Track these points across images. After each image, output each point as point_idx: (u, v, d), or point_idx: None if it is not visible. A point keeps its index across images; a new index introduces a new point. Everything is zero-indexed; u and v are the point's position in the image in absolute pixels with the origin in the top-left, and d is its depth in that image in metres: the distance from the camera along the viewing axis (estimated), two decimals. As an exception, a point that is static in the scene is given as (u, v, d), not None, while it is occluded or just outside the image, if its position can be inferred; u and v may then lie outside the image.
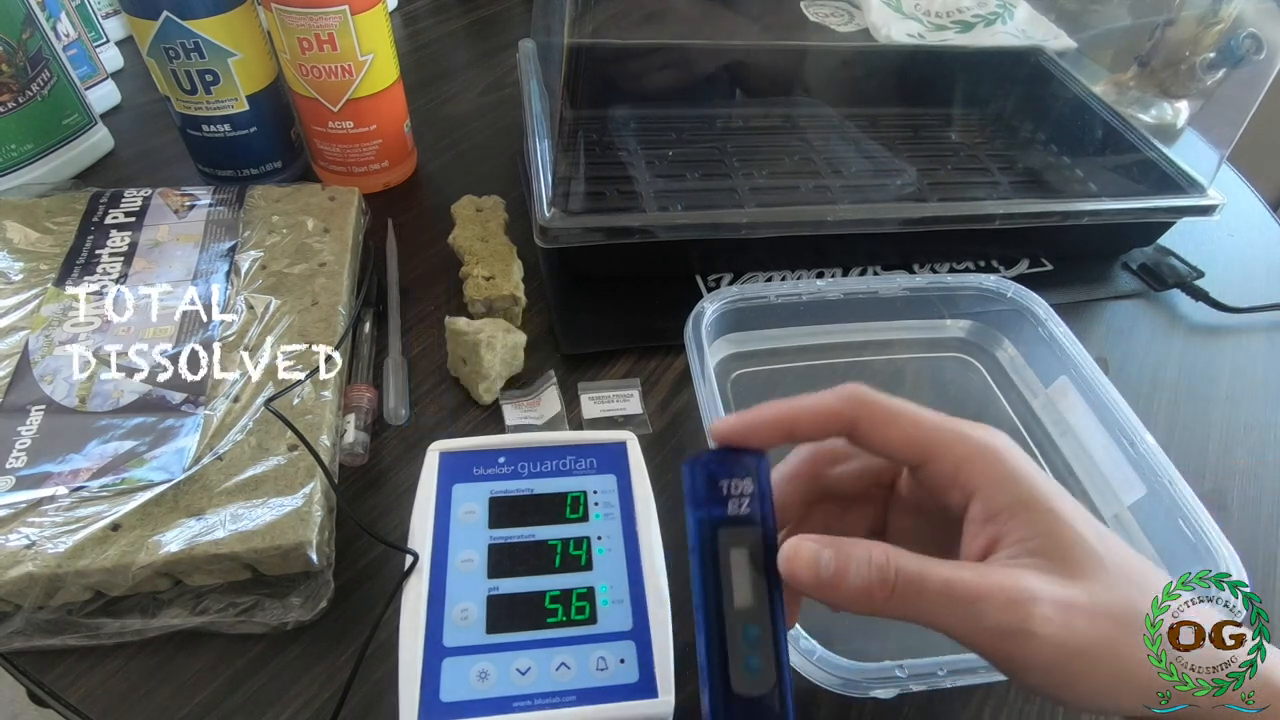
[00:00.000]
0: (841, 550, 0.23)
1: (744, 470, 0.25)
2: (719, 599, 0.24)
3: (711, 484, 0.25)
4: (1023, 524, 0.22)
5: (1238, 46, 0.60)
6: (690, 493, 0.25)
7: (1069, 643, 0.21)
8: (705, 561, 0.24)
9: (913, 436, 0.24)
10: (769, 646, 0.23)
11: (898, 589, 0.22)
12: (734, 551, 0.24)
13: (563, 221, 0.47)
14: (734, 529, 0.24)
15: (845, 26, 0.79)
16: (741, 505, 0.24)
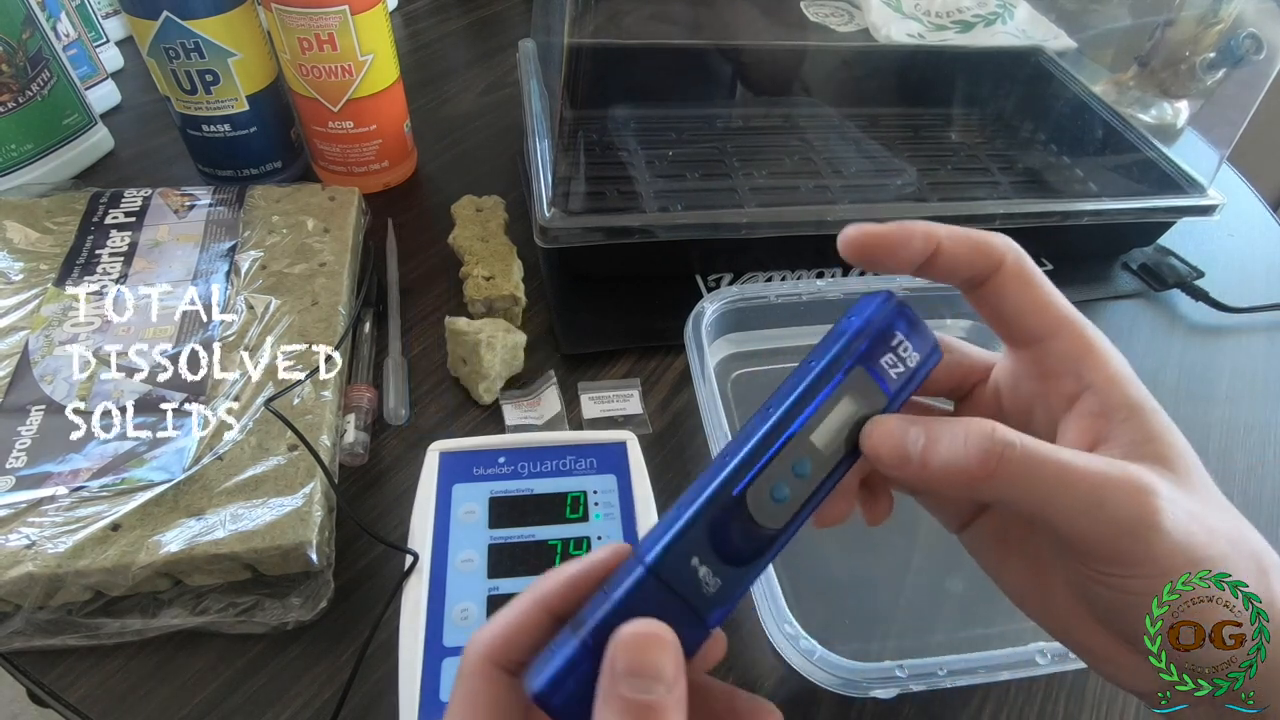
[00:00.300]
0: (931, 426, 0.20)
1: (922, 344, 0.22)
2: (797, 419, 0.21)
3: (888, 329, 0.22)
4: (1136, 427, 0.21)
5: (1238, 46, 0.60)
6: (864, 319, 0.22)
7: (1192, 549, 0.19)
8: (816, 379, 0.21)
9: (1046, 307, 0.22)
10: (802, 497, 0.21)
11: (1005, 461, 0.19)
12: (849, 397, 0.21)
13: (563, 221, 0.47)
14: (868, 381, 0.21)
15: (845, 26, 0.79)
16: (892, 369, 0.22)
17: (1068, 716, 0.36)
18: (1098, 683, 0.38)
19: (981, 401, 0.26)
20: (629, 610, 0.19)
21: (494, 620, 0.20)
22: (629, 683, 0.17)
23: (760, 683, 0.36)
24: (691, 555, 0.20)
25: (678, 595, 0.19)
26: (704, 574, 0.20)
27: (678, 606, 0.19)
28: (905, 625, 0.38)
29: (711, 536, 0.20)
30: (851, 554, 0.41)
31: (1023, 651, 0.33)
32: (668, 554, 0.19)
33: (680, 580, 0.19)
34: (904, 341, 0.22)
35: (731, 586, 0.20)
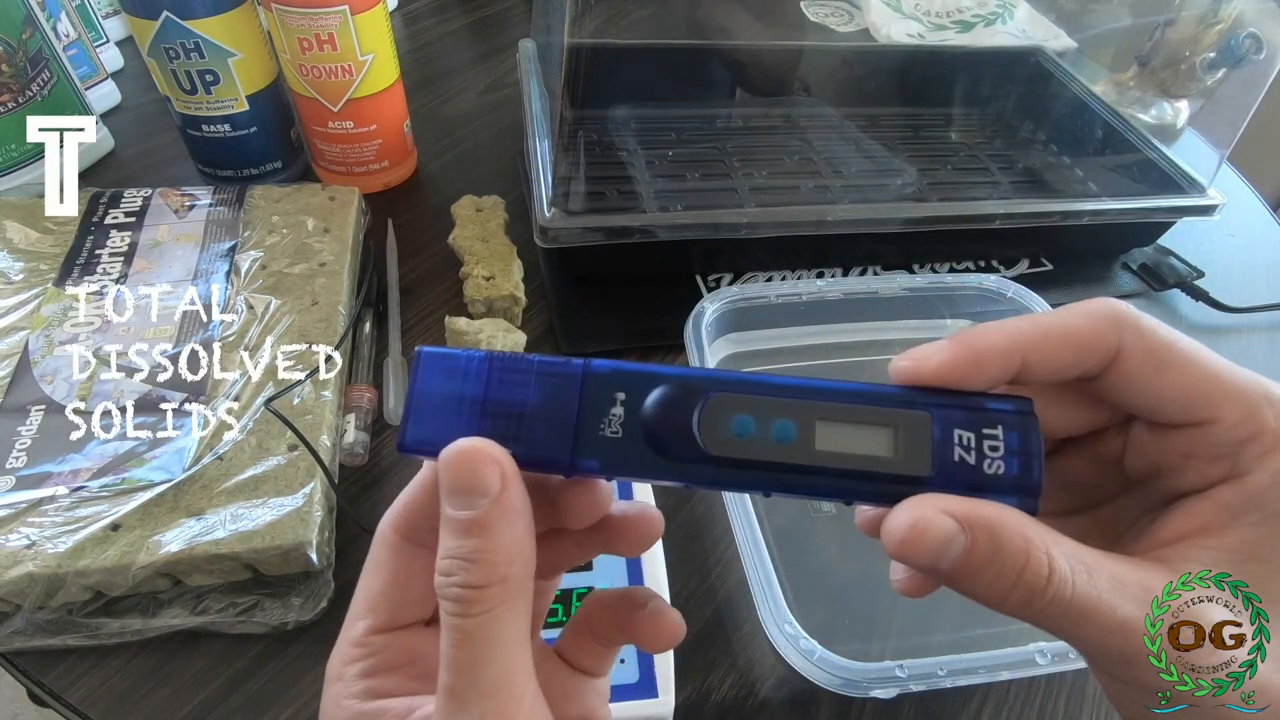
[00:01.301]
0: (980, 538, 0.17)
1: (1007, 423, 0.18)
2: (833, 389, 0.18)
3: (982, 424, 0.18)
4: (1257, 538, 0.18)
5: (1238, 46, 0.60)
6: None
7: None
8: (882, 389, 0.18)
9: (1198, 388, 0.18)
10: (759, 455, 0.18)
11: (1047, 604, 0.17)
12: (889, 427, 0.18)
13: (563, 221, 0.47)
14: (927, 429, 0.18)
15: (845, 26, 0.79)
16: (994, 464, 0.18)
17: (1068, 716, 0.36)
18: (1098, 683, 0.38)
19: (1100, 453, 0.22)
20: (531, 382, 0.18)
21: (399, 497, 0.20)
22: (453, 501, 0.17)
23: (760, 683, 0.36)
24: (619, 391, 0.18)
25: (574, 412, 0.18)
26: (615, 414, 0.18)
27: (562, 421, 0.18)
28: (905, 625, 0.38)
29: (660, 401, 0.18)
30: (851, 554, 0.41)
31: (1023, 651, 0.33)
32: (613, 373, 0.18)
33: (591, 403, 0.18)
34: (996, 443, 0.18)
35: (620, 457, 0.18)
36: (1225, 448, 0.18)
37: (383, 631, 0.19)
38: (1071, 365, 0.18)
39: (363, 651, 0.19)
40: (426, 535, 0.19)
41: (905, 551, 0.17)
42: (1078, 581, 0.17)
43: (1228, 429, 0.18)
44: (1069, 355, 0.18)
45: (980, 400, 0.18)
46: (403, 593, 0.20)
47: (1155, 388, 0.18)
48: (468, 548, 0.17)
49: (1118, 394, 0.19)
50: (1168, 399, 0.18)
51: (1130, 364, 0.18)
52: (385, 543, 0.20)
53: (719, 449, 0.18)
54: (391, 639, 0.19)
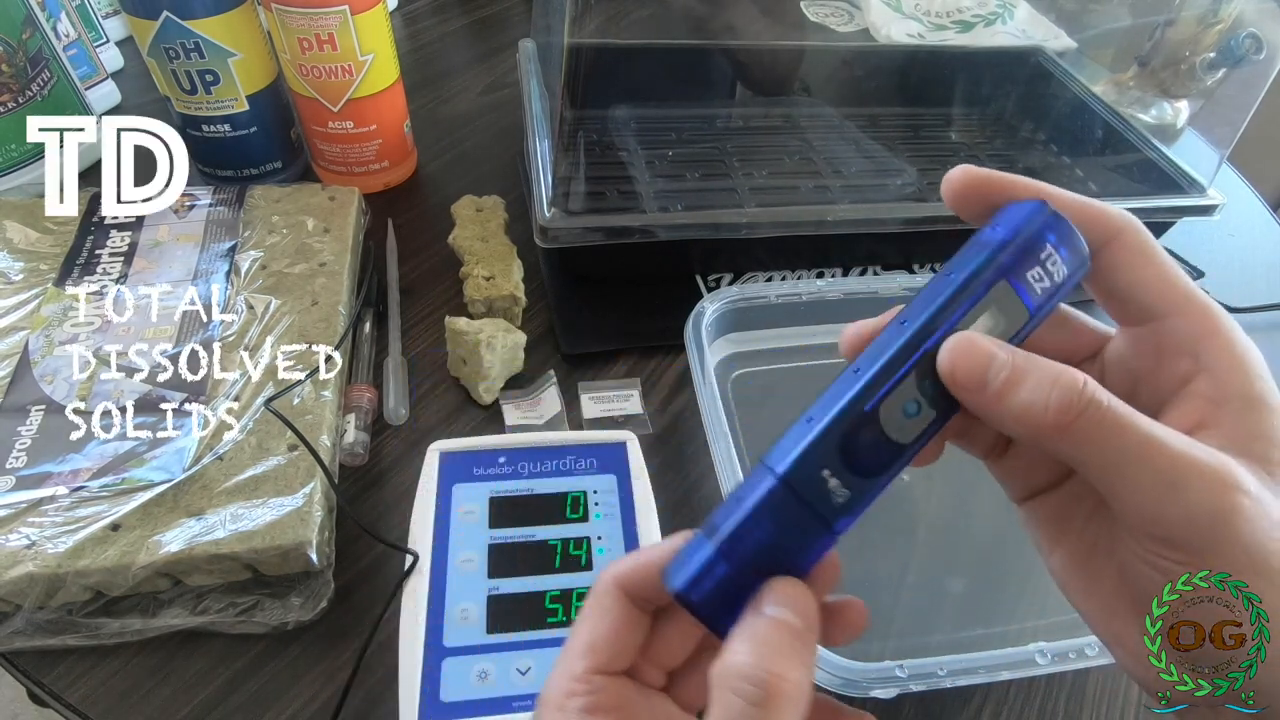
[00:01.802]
0: (1022, 360, 0.19)
1: (1072, 256, 0.20)
2: (933, 333, 0.20)
3: (1037, 240, 0.20)
4: (1248, 421, 0.19)
5: (1238, 46, 0.60)
6: (1012, 229, 0.20)
7: (1265, 558, 0.18)
8: (956, 293, 0.20)
9: (1167, 283, 0.21)
10: (942, 406, 0.20)
11: (1086, 418, 0.18)
12: (990, 312, 0.20)
13: (563, 221, 0.47)
14: (1011, 295, 0.20)
15: (845, 26, 0.79)
16: (1038, 283, 0.20)
17: (1068, 716, 0.36)
18: (1098, 682, 0.38)
19: None
20: (759, 518, 0.20)
21: (630, 555, 0.22)
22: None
23: (760, 683, 0.36)
24: (823, 467, 0.20)
25: (808, 505, 0.20)
26: (834, 485, 0.20)
27: (806, 516, 0.20)
28: (905, 625, 0.38)
29: (843, 449, 0.20)
30: (851, 554, 0.41)
31: (1023, 651, 0.33)
32: (800, 465, 0.20)
33: (811, 490, 0.20)
34: (1053, 254, 0.20)
35: (859, 497, 0.20)
36: (1189, 343, 0.20)
37: (601, 673, 0.21)
38: (1081, 228, 0.21)
39: (585, 688, 0.21)
40: (650, 600, 0.22)
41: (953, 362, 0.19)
42: (1115, 404, 0.18)
43: (1190, 323, 0.20)
44: (1083, 222, 0.21)
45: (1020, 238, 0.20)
46: (621, 643, 0.21)
47: (1137, 274, 0.21)
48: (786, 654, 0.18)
49: (1107, 276, 0.22)
50: (1144, 286, 0.21)
51: (1124, 246, 0.21)
52: (611, 594, 0.21)
53: (911, 435, 0.20)
54: (607, 682, 0.21)
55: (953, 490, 0.44)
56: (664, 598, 0.21)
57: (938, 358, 0.20)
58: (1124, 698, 0.37)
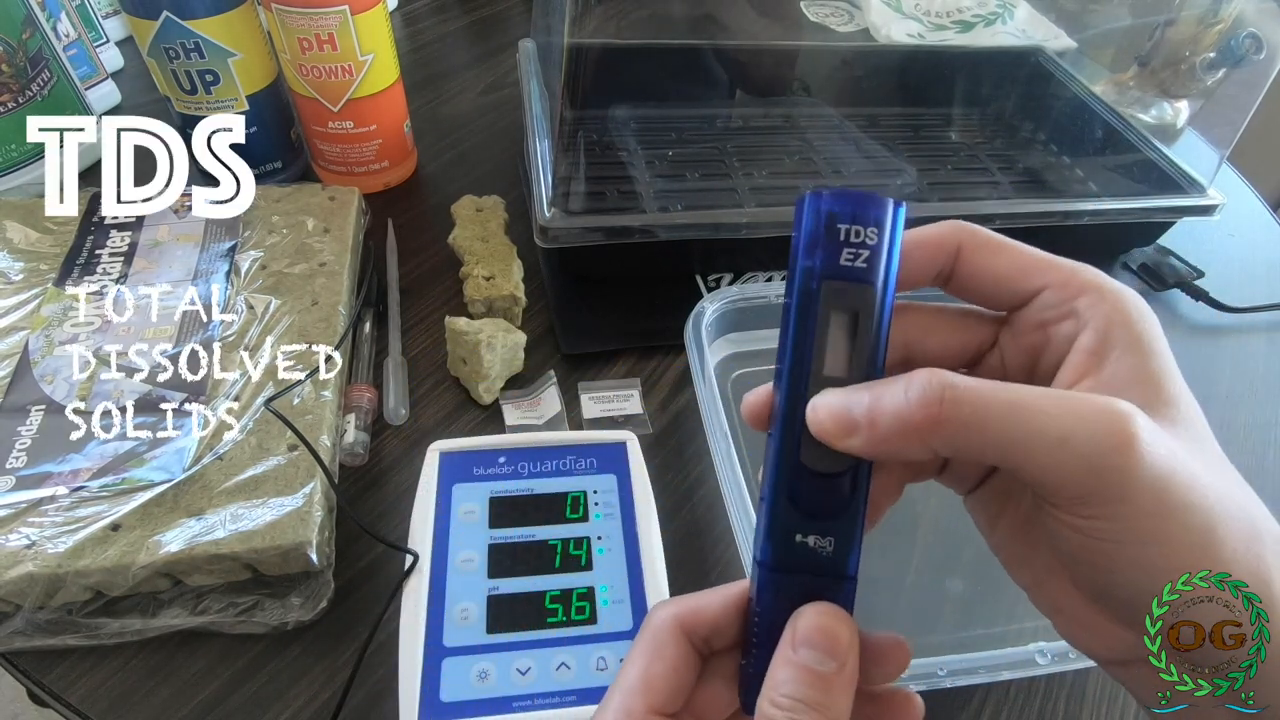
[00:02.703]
0: (875, 387, 0.19)
1: (870, 216, 0.20)
2: (804, 363, 0.20)
3: (829, 226, 0.20)
4: (1131, 365, 0.19)
5: (1238, 46, 0.60)
6: (801, 234, 0.20)
7: (1169, 491, 0.17)
8: (798, 318, 0.20)
9: (1025, 262, 0.21)
10: None
11: (949, 404, 0.18)
12: (835, 314, 0.20)
13: (563, 221, 0.47)
14: (842, 285, 0.20)
15: (845, 26, 0.79)
16: (858, 258, 0.20)
17: (1068, 716, 0.36)
18: (1098, 683, 0.38)
19: (989, 371, 0.23)
20: (773, 609, 0.20)
21: (689, 596, 0.22)
22: (809, 655, 0.19)
23: (760, 683, 0.36)
24: (793, 534, 0.20)
25: (804, 572, 0.20)
26: (814, 542, 0.20)
27: (810, 580, 0.20)
28: (905, 625, 0.38)
29: (799, 508, 0.20)
30: (851, 554, 0.41)
31: (1023, 651, 0.33)
32: (773, 543, 0.20)
33: (797, 560, 0.20)
34: (851, 226, 0.20)
35: (845, 535, 0.20)
36: (1065, 305, 0.21)
37: (656, 714, 0.21)
38: (929, 263, 0.22)
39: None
40: (708, 642, 0.22)
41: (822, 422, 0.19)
42: (974, 382, 0.18)
43: (1060, 288, 0.21)
44: (924, 257, 0.22)
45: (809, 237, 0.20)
46: (678, 683, 0.21)
47: (993, 269, 0.22)
48: (813, 697, 0.19)
49: (971, 284, 0.22)
50: (1005, 276, 0.22)
51: (970, 254, 0.22)
52: (670, 631, 0.21)
53: (845, 459, 0.20)
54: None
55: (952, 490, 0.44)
56: (719, 643, 0.22)
57: (809, 423, 0.20)
58: (1124, 698, 0.37)
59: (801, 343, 0.20)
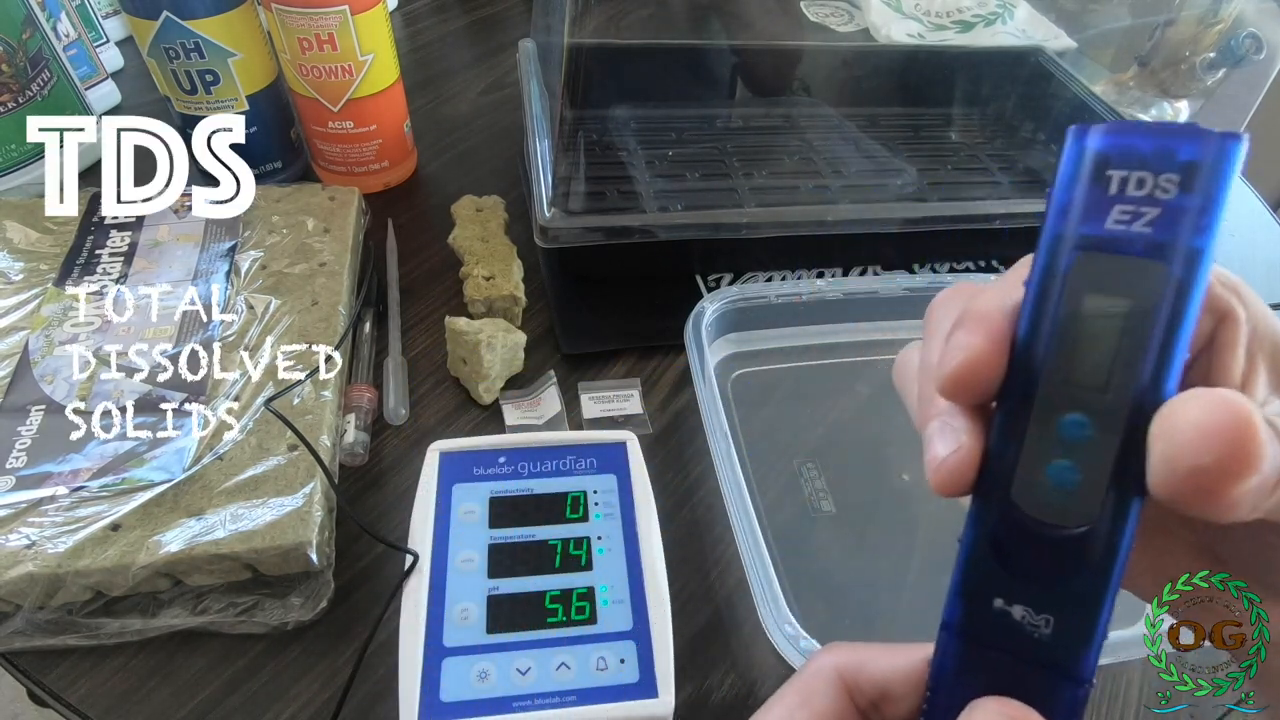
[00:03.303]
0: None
1: (1164, 157, 0.13)
2: (1041, 363, 0.14)
3: (1096, 172, 0.14)
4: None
5: (1238, 46, 0.59)
6: (1060, 183, 0.14)
7: None
8: (1039, 301, 0.14)
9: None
10: (1107, 462, 0.14)
11: None
12: (1095, 298, 0.14)
13: (563, 221, 0.47)
14: (1110, 260, 0.14)
15: (845, 26, 0.79)
16: (1138, 219, 0.14)
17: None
18: (1097, 682, 0.38)
19: None
20: (950, 689, 0.15)
21: (853, 646, 0.19)
22: None
23: (760, 683, 0.36)
24: (991, 596, 0.15)
25: (1003, 650, 0.15)
26: (1020, 614, 0.15)
27: (1012, 665, 0.15)
28: (905, 625, 0.38)
29: (1002, 562, 0.15)
30: (851, 554, 0.41)
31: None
32: (962, 605, 0.15)
33: (993, 631, 0.15)
34: (1133, 173, 0.14)
35: (1073, 619, 0.14)
36: None
37: None
38: None
39: None
40: (876, 707, 0.18)
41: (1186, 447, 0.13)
42: None
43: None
44: None
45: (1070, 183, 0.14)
46: None
47: None
48: None
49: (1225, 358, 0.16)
50: None
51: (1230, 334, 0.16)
52: (823, 679, 0.18)
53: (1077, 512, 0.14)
54: None
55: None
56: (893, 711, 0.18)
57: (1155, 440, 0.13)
58: (1124, 698, 0.37)
59: (1038, 337, 0.14)
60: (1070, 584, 0.14)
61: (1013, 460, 0.14)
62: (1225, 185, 0.14)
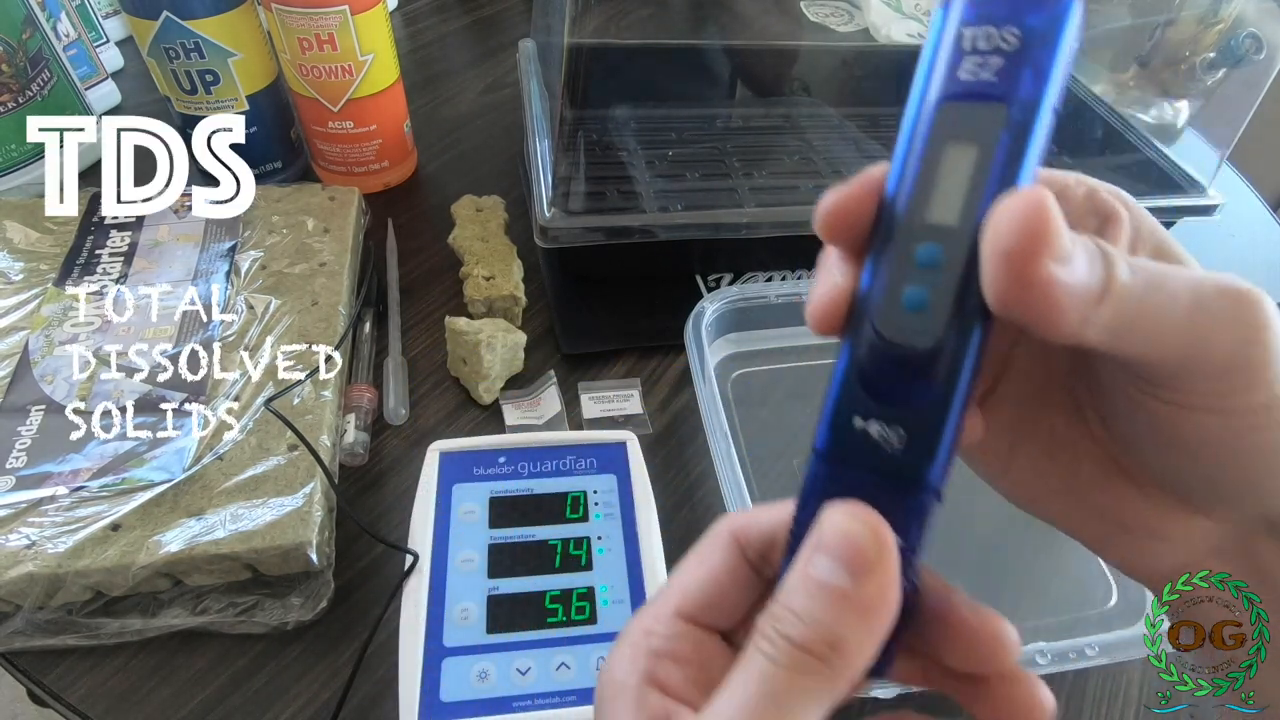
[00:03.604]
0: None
1: (1009, 13, 0.15)
2: (904, 204, 0.16)
3: (956, 35, 0.16)
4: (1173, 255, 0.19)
5: (1238, 46, 0.59)
6: (928, 44, 0.16)
7: None
8: (907, 139, 0.16)
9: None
10: (952, 283, 0.15)
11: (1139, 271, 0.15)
12: (951, 144, 0.16)
13: (563, 221, 0.47)
14: (962, 106, 0.16)
15: (845, 26, 0.79)
16: (984, 68, 0.15)
17: (1068, 716, 0.36)
18: (1098, 683, 0.38)
19: None
20: (815, 508, 0.16)
21: (756, 510, 0.20)
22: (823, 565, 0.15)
23: (760, 683, 0.36)
24: (851, 415, 0.16)
25: (862, 467, 0.16)
26: (876, 430, 0.16)
27: (870, 481, 0.16)
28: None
29: (863, 384, 0.16)
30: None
31: (1023, 651, 0.33)
32: (828, 430, 0.17)
33: (854, 450, 0.16)
34: (981, 28, 0.15)
35: (923, 430, 0.16)
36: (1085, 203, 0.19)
37: (686, 620, 0.19)
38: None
39: (665, 630, 0.19)
40: (765, 558, 0.19)
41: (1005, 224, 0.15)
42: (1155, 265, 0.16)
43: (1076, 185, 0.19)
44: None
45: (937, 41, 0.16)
46: (718, 595, 0.19)
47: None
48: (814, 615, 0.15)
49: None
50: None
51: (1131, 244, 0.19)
52: (720, 541, 0.19)
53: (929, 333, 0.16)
54: (691, 631, 0.19)
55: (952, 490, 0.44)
56: (771, 554, 0.19)
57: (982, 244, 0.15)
58: (1124, 698, 0.37)
59: (903, 182, 0.16)
60: (920, 399, 0.16)
61: (877, 293, 0.16)
62: (1060, 37, 0.16)
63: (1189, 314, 0.16)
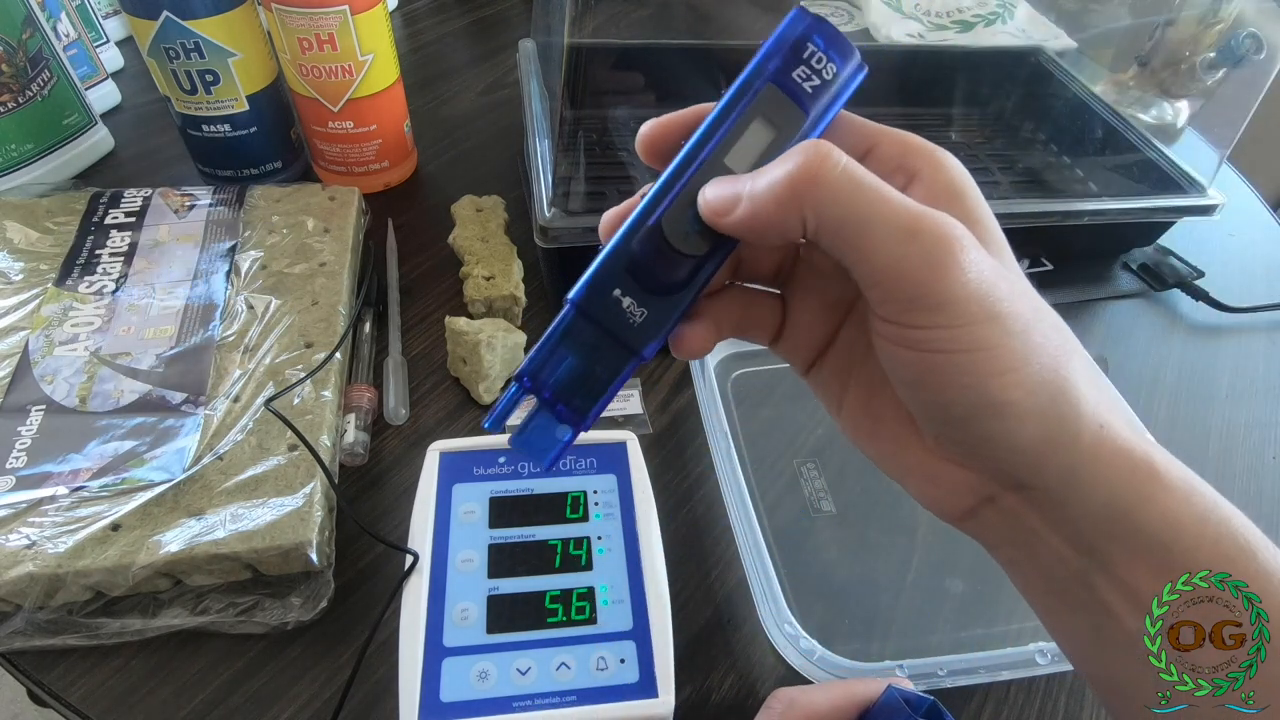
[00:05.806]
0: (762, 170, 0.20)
1: (841, 57, 0.20)
2: (709, 142, 0.20)
3: (799, 42, 0.20)
4: (960, 210, 0.20)
5: (1238, 46, 0.59)
6: (775, 36, 0.21)
7: (993, 300, 0.19)
8: (728, 104, 0.20)
9: (858, 127, 0.22)
10: None
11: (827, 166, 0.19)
12: (762, 118, 0.20)
13: (563, 221, 0.47)
14: (782, 99, 0.20)
15: (845, 26, 0.79)
16: (806, 83, 0.20)
17: (1068, 716, 0.36)
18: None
19: None
20: (559, 346, 0.21)
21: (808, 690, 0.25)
22: None
23: (760, 683, 0.36)
24: (613, 287, 0.21)
25: (604, 328, 0.21)
26: (628, 305, 0.21)
27: (605, 340, 0.21)
28: (905, 625, 0.38)
29: (633, 267, 0.21)
30: (851, 554, 0.41)
31: (1023, 651, 0.33)
32: (590, 288, 0.21)
33: (604, 313, 0.21)
34: (819, 54, 0.20)
35: (659, 316, 0.21)
36: (895, 160, 0.22)
37: None
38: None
39: None
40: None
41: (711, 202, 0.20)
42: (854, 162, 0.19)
43: (889, 148, 0.22)
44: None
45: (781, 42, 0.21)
46: None
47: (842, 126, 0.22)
48: None
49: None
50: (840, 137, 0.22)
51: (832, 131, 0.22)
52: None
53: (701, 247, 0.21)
54: None
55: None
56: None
57: (698, 205, 0.20)
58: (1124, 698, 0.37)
59: (719, 126, 0.20)
60: (671, 294, 0.21)
61: (670, 200, 0.20)
62: (852, 82, 0.21)
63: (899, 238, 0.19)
